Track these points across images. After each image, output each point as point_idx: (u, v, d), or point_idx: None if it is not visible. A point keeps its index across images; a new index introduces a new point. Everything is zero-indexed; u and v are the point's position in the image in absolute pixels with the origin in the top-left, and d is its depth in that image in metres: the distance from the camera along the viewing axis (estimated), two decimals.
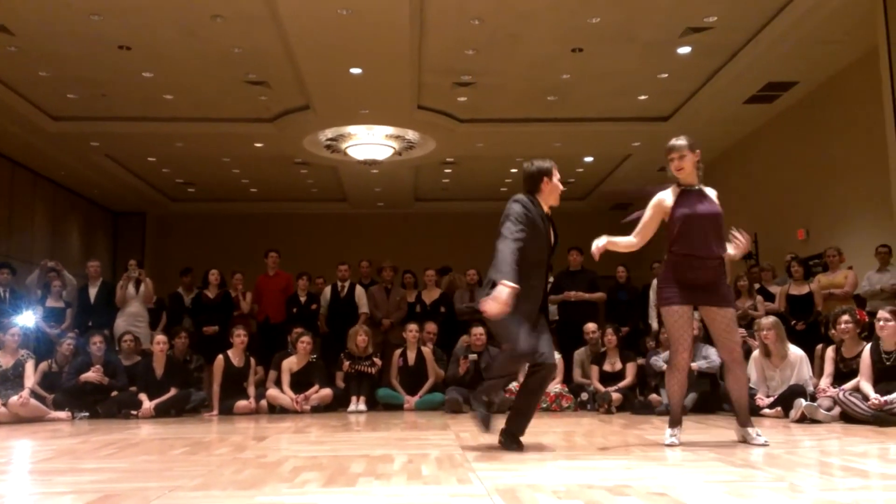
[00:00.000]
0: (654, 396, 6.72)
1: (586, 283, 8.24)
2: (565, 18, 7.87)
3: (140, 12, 7.63)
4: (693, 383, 6.57)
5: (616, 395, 6.92)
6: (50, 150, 11.51)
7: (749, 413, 4.26)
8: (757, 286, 8.05)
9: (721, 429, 5.15)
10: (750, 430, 4.16)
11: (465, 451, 3.97)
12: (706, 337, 7.17)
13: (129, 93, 9.76)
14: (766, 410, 6.06)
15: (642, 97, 10.03)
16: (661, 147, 12.91)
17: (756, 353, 6.44)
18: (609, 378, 7.22)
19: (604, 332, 7.46)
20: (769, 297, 7.92)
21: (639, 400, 6.95)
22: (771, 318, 6.40)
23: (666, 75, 9.27)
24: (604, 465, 3.55)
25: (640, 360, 7.43)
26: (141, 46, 8.43)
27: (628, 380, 7.01)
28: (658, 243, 4.59)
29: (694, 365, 6.68)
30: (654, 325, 8.02)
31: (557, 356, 7.53)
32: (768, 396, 6.18)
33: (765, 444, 4.03)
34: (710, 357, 6.73)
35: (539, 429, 5.50)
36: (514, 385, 7.27)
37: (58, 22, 7.76)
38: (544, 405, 7.10)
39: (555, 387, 7.25)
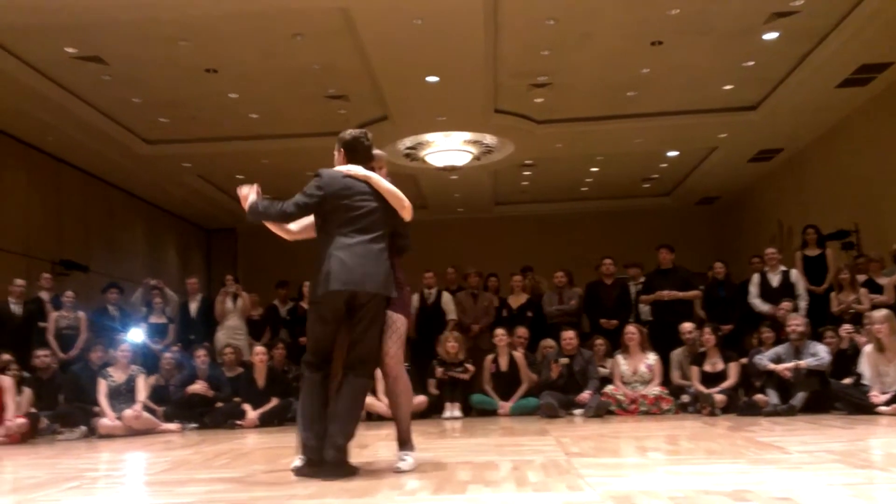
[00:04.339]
0: (759, 397, 6.44)
1: (679, 282, 8.02)
2: (642, 12, 7.72)
3: (224, 36, 7.91)
4: (801, 382, 6.32)
5: (719, 397, 6.66)
6: (145, 172, 12.05)
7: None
8: (863, 278, 7.66)
9: (836, 429, 4.93)
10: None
11: (570, 457, 3.92)
12: (813, 333, 6.89)
13: (217, 114, 10.12)
14: (883, 408, 5.77)
15: (727, 87, 9.72)
16: (750, 137, 12.56)
17: (868, 348, 6.14)
18: (710, 379, 6.95)
19: (701, 331, 7.23)
20: (876, 289, 7.52)
21: (744, 401, 6.69)
22: (883, 312, 6.09)
23: (752, 63, 8.96)
24: (716, 469, 3.45)
25: (743, 360, 7.17)
26: (226, 69, 8.73)
27: (731, 380, 6.76)
28: (756, 240, 4.39)
29: (802, 363, 6.40)
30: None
31: (654, 357, 7.38)
32: (884, 393, 5.89)
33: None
34: (819, 354, 6.44)
35: (640, 433, 5.42)
36: (609, 388, 7.14)
37: (148, 50, 8.12)
38: (643, 408, 6.95)
39: (654, 389, 7.09)
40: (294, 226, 3.85)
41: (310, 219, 3.80)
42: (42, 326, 8.08)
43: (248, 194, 3.78)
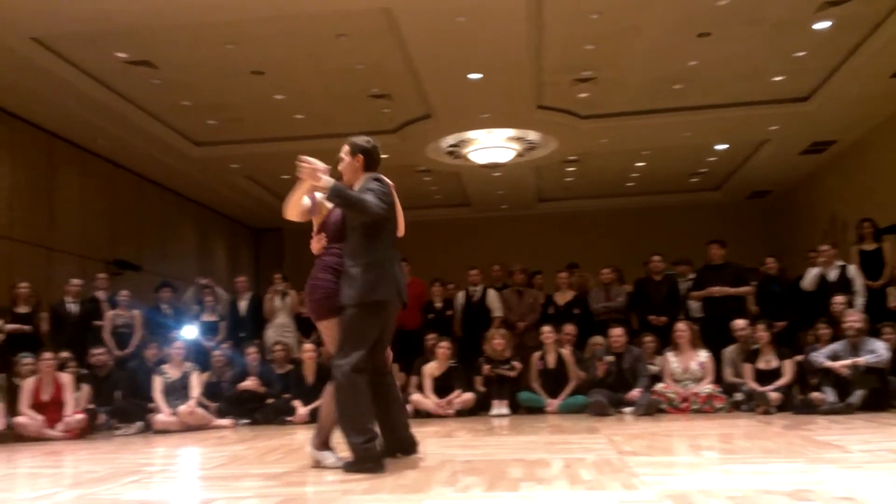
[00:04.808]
0: (816, 395, 6.29)
1: (731, 277, 7.86)
2: (689, 3, 7.58)
3: (270, 39, 8.02)
4: (859, 379, 6.15)
5: (774, 395, 6.51)
6: (194, 174, 12.29)
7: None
8: None
9: None
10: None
11: (623, 456, 3.88)
12: (872, 330, 6.69)
13: (263, 115, 10.27)
14: None
15: (778, 78, 9.49)
16: (802, 129, 12.21)
17: None
18: (765, 377, 6.79)
19: (755, 328, 7.07)
20: None
21: (800, 399, 6.52)
22: None
23: (803, 53, 8.74)
24: (774, 468, 3.38)
25: (799, 357, 7.00)
26: (272, 71, 8.86)
27: (786, 378, 6.59)
28: (810, 234, 4.27)
29: (861, 360, 6.24)
30: None
31: (706, 354, 7.25)
32: None
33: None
34: (878, 351, 6.26)
35: (693, 431, 5.33)
36: (660, 386, 7.06)
37: (196, 53, 8.28)
38: (695, 406, 6.83)
39: (706, 387, 6.96)
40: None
41: (307, 203, 3.97)
42: (97, 325, 8.31)
43: (321, 169, 3.75)
